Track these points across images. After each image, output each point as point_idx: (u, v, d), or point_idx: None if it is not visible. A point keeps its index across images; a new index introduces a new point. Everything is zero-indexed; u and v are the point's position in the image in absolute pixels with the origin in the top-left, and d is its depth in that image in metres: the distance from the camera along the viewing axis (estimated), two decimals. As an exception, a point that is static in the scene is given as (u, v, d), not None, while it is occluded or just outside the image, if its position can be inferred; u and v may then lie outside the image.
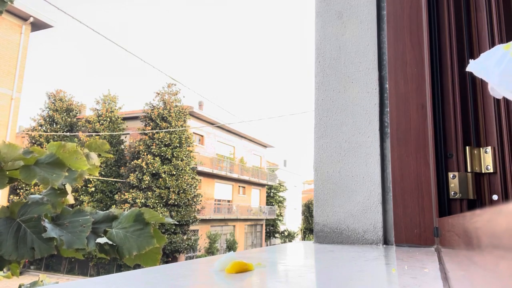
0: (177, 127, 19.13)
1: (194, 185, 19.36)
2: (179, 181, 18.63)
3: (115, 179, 19.57)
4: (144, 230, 1.33)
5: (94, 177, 18.19)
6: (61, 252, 1.33)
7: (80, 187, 19.03)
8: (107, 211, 1.45)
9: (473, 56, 1.01)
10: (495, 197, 0.92)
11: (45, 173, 1.31)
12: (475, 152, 0.95)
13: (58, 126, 20.43)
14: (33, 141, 19.65)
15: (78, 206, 1.42)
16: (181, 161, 18.92)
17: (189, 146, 19.64)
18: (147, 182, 18.14)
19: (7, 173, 1.36)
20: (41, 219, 1.25)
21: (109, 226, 1.36)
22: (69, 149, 1.45)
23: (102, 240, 1.34)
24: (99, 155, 1.69)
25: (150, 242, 1.31)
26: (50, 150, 1.44)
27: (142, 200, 17.92)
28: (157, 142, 18.68)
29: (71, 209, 1.40)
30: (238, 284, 0.39)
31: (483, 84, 0.97)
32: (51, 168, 1.35)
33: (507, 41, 0.68)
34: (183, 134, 19.44)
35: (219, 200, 23.97)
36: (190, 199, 18.96)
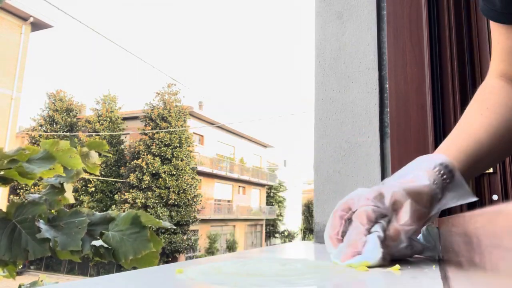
0: (177, 127, 19.13)
1: (194, 185, 19.36)
2: (179, 181, 18.63)
3: (115, 179, 19.57)
4: (140, 233, 1.31)
5: (94, 177, 18.20)
6: (57, 255, 1.33)
7: (80, 187, 19.03)
8: (104, 212, 1.45)
9: (473, 56, 1.01)
10: (495, 197, 0.92)
11: (31, 166, 1.31)
12: (475, 152, 0.95)
13: (58, 126, 20.43)
14: (33, 141, 19.64)
15: (78, 207, 1.42)
16: (181, 161, 18.92)
17: (189, 146, 19.64)
18: (147, 182, 18.14)
19: (2, 172, 1.36)
20: (35, 220, 1.25)
21: (106, 228, 1.35)
22: (63, 147, 1.45)
23: (97, 243, 1.33)
24: (99, 154, 1.69)
25: (147, 246, 1.29)
26: (44, 148, 1.44)
27: (142, 200, 17.92)
28: (157, 142, 18.68)
29: (67, 210, 1.40)
30: (239, 284, 0.39)
31: (483, 84, 0.97)
32: (39, 163, 1.35)
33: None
34: (183, 134, 19.44)
35: (219, 200, 23.97)
36: (190, 199, 18.96)
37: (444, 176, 0.52)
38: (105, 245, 1.31)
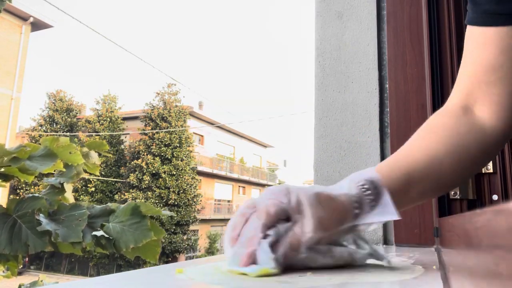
0: (177, 127, 19.13)
1: (194, 185, 19.36)
2: (179, 181, 18.63)
3: (115, 179, 19.57)
4: (141, 223, 1.33)
5: (94, 177, 18.20)
6: (59, 248, 1.34)
7: (80, 187, 19.03)
8: (104, 205, 1.46)
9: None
10: (495, 197, 0.92)
11: (34, 163, 1.32)
12: (475, 152, 0.95)
13: (58, 126, 20.43)
14: (33, 141, 19.63)
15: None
16: (181, 161, 18.92)
17: (189, 146, 19.64)
18: (147, 182, 18.14)
19: (3, 169, 1.37)
20: (35, 214, 1.26)
21: (106, 220, 1.36)
22: (63, 143, 1.46)
23: (98, 233, 1.34)
24: (99, 154, 1.69)
25: (147, 235, 1.30)
26: (44, 145, 1.45)
27: (142, 200, 17.91)
28: (157, 142, 18.68)
29: (67, 204, 1.40)
30: (239, 284, 0.39)
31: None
32: (41, 160, 1.36)
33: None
34: (183, 134, 19.44)
35: (219, 200, 23.97)
36: (190, 199, 18.96)
37: (368, 192, 0.48)
38: (106, 236, 1.32)
